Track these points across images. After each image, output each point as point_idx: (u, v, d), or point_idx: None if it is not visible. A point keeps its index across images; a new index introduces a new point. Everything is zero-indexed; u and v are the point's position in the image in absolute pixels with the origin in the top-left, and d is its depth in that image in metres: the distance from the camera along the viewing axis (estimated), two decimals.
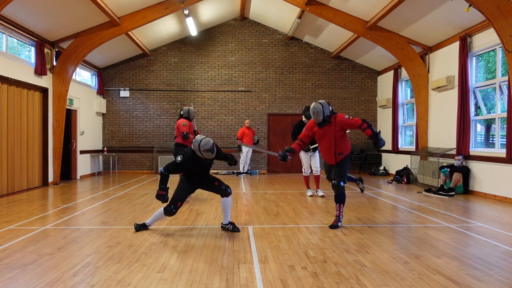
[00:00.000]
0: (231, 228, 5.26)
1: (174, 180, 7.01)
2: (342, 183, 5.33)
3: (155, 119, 14.22)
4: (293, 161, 13.08)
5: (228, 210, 5.30)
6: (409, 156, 11.46)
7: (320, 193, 8.36)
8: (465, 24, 8.92)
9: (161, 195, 4.97)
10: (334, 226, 5.41)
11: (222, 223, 5.36)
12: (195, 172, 5.15)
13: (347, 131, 5.51)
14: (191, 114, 8.22)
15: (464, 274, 3.63)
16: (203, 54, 14.32)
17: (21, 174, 9.24)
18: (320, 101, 5.41)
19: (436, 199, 8.14)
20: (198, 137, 4.96)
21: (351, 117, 5.28)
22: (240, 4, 12.67)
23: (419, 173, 10.64)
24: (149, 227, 5.32)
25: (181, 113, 8.22)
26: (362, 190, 6.61)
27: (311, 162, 8.28)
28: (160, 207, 5.40)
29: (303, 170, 8.41)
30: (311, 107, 5.40)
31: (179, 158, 4.98)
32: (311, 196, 8.34)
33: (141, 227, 5.26)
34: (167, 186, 5.00)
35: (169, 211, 5.02)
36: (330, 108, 5.39)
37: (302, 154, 8.28)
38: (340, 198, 5.41)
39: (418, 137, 11.12)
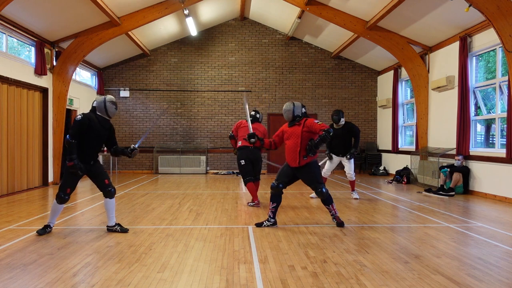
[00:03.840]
0: (119, 229, 5.14)
1: (174, 181, 7.09)
2: (324, 189, 5.33)
3: (155, 120, 14.21)
4: None
5: (113, 211, 5.18)
6: (409, 156, 11.46)
7: (355, 195, 8.22)
8: (465, 24, 8.92)
9: (70, 166, 4.78)
10: (340, 223, 5.47)
11: (107, 225, 5.19)
12: (90, 142, 4.93)
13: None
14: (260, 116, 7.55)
15: (464, 274, 3.63)
16: (203, 54, 14.32)
17: (21, 174, 9.24)
18: (295, 102, 5.51)
19: (436, 199, 8.14)
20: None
21: (320, 123, 5.27)
22: (240, 4, 12.67)
23: (419, 173, 10.64)
24: (52, 225, 5.12)
25: (257, 116, 7.44)
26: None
27: (345, 168, 8.18)
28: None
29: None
30: (284, 105, 5.53)
31: (79, 117, 4.88)
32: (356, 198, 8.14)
33: (44, 230, 5.01)
34: (76, 155, 4.79)
35: (61, 199, 4.92)
36: (304, 110, 5.45)
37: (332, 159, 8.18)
38: (329, 200, 5.40)
39: (418, 137, 11.12)
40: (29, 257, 4.09)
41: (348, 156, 8.03)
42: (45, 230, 5.04)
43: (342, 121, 7.88)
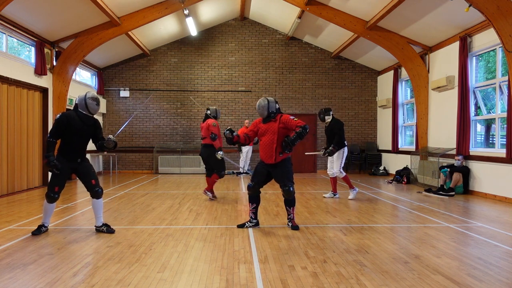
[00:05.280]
0: (105, 230, 5.13)
1: (174, 181, 7.05)
2: (292, 188, 5.26)
3: (155, 119, 14.22)
4: (293, 161, 13.07)
5: (100, 212, 5.17)
6: (409, 156, 11.46)
7: (329, 194, 8.25)
8: (465, 24, 8.92)
9: (47, 163, 4.79)
10: (296, 227, 5.36)
11: (95, 226, 5.20)
12: (72, 140, 4.95)
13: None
14: (218, 114, 8.06)
15: (464, 274, 3.63)
16: (203, 54, 14.32)
17: (21, 174, 9.24)
18: (268, 97, 5.46)
19: (436, 199, 8.14)
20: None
21: (296, 119, 5.24)
22: (240, 4, 12.68)
23: (419, 173, 10.64)
24: (47, 225, 5.13)
25: (208, 113, 7.92)
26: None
27: (328, 164, 8.15)
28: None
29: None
30: (257, 102, 5.47)
31: (57, 116, 4.92)
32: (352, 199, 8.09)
33: (39, 230, 5.02)
34: (52, 153, 4.82)
35: (50, 198, 4.94)
36: (277, 106, 5.42)
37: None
38: (292, 202, 5.35)
39: (418, 137, 11.12)
40: (29, 257, 4.09)
41: (322, 153, 7.96)
42: (40, 230, 5.04)
43: (328, 118, 7.91)
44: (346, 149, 7.95)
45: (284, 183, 5.26)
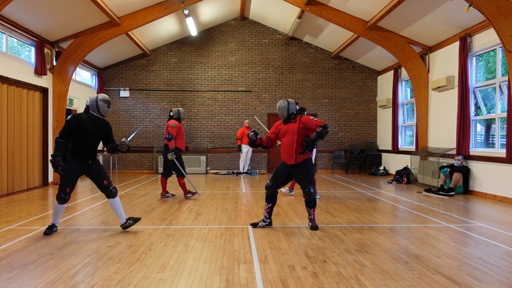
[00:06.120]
0: (132, 222, 5.18)
1: (174, 181, 7.05)
2: (312, 190, 5.25)
3: (155, 119, 14.22)
4: None
5: (120, 210, 5.19)
6: (409, 156, 11.46)
7: (287, 191, 8.59)
8: (465, 24, 8.92)
9: (53, 163, 4.80)
10: (315, 227, 5.34)
11: (121, 225, 5.21)
12: (83, 142, 4.97)
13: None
14: (181, 115, 8.25)
15: (464, 274, 3.63)
16: (203, 54, 14.32)
17: (21, 174, 9.24)
18: (288, 99, 5.47)
19: (436, 199, 8.14)
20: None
21: (315, 119, 5.25)
22: (240, 4, 12.67)
23: (419, 173, 10.64)
24: (57, 225, 5.14)
25: (171, 114, 8.21)
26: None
27: None
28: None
29: None
30: (278, 103, 5.49)
31: (69, 117, 4.95)
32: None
33: (51, 229, 5.03)
34: (60, 153, 4.83)
35: (61, 198, 4.95)
36: (297, 107, 5.44)
37: None
38: (313, 203, 5.34)
39: (418, 137, 11.12)
40: (29, 257, 4.09)
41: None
42: (52, 230, 5.06)
43: None
44: (315, 150, 8.19)
45: (304, 184, 5.26)
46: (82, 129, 4.95)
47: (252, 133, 5.53)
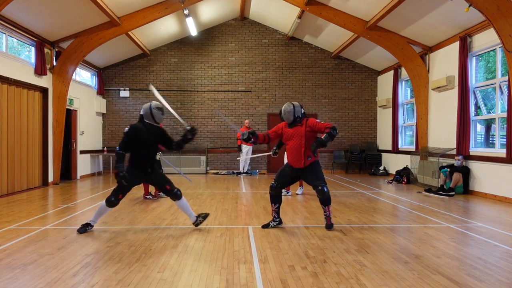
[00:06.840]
0: (202, 219, 5.33)
1: (174, 181, 6.96)
2: (326, 188, 5.24)
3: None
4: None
5: (189, 209, 5.32)
6: (409, 156, 11.46)
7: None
8: (465, 24, 8.92)
9: (117, 174, 4.91)
10: (330, 225, 5.35)
11: (193, 223, 5.35)
12: (141, 151, 5.05)
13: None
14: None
15: (464, 274, 3.63)
16: (203, 54, 14.32)
17: (21, 174, 9.24)
18: (294, 102, 5.45)
19: (436, 199, 8.14)
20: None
21: (323, 122, 5.27)
22: (240, 4, 12.68)
23: (419, 173, 10.64)
24: (94, 224, 5.20)
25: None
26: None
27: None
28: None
29: None
30: (283, 107, 5.43)
31: (126, 129, 5.01)
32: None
33: (84, 228, 5.10)
34: (122, 164, 4.93)
35: (111, 202, 5.02)
36: (303, 111, 5.41)
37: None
38: (328, 201, 5.32)
39: (418, 137, 11.12)
40: (29, 257, 4.09)
41: (272, 153, 7.71)
42: (85, 229, 5.10)
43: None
44: None
45: (316, 184, 5.25)
46: (140, 139, 5.01)
47: (250, 139, 5.35)
